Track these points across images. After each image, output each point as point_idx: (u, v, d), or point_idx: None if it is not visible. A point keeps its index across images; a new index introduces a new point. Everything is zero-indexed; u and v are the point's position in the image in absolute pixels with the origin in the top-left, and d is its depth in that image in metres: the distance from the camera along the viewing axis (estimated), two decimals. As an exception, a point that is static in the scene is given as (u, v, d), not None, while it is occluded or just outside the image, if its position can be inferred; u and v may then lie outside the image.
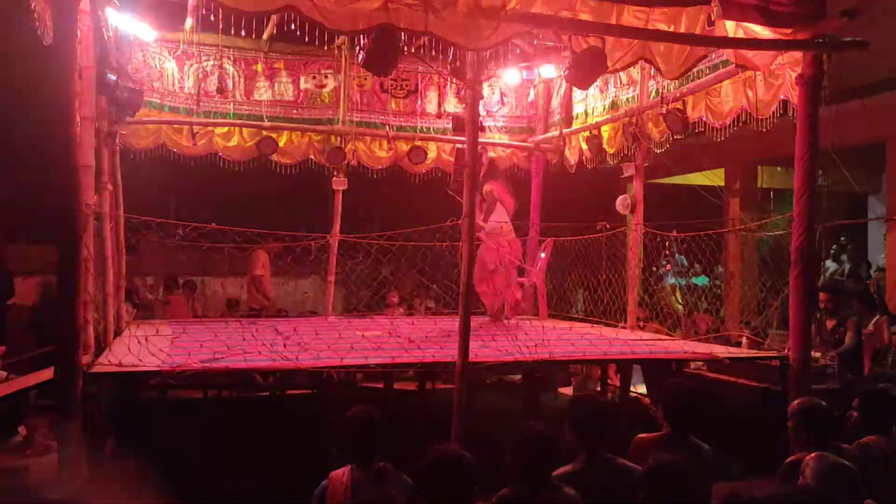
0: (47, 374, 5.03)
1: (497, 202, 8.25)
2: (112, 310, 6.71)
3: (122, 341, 6.20)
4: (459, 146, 8.58)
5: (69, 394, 4.34)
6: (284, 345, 5.98)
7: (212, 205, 11.90)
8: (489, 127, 9.79)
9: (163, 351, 5.59)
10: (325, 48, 7.15)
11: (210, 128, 8.85)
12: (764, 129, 6.48)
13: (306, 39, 5.67)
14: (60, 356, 4.41)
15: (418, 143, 9.61)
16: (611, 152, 8.39)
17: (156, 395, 6.76)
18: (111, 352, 5.76)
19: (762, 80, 6.30)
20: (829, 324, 7.14)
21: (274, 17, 6.97)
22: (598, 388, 8.06)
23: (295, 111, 9.29)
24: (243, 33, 5.82)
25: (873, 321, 7.37)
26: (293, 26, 5.63)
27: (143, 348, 5.36)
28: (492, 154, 9.37)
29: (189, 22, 6.71)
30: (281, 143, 9.13)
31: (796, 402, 3.97)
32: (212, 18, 5.87)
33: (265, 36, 8.37)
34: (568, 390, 8.65)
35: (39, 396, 6.57)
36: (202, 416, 6.78)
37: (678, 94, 7.26)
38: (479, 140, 5.55)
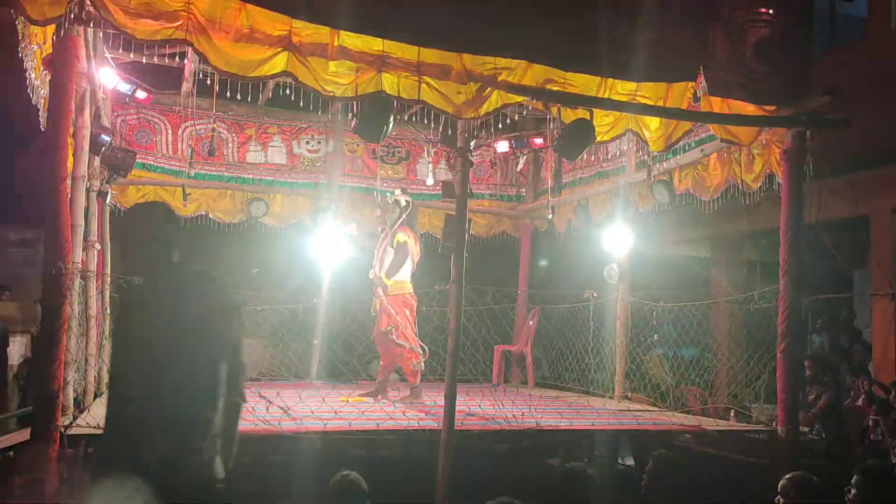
0: (24, 435, 4.90)
1: (408, 256, 7.35)
2: (93, 370, 6.60)
3: (101, 402, 6.07)
4: (448, 213, 8.60)
5: (45, 456, 4.23)
6: (267, 409, 5.86)
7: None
8: (479, 194, 9.87)
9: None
10: (319, 114, 7.23)
11: (201, 189, 8.89)
12: (751, 203, 6.56)
13: (300, 105, 5.75)
14: (38, 417, 4.32)
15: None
16: (597, 221, 8.47)
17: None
18: (90, 413, 5.64)
19: (749, 155, 6.40)
20: (811, 395, 7.09)
21: (269, 83, 7.07)
22: (586, 460, 7.91)
23: (287, 175, 9.35)
24: (238, 97, 5.90)
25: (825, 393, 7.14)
26: (288, 91, 5.72)
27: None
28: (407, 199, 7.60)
29: (185, 86, 6.81)
30: (271, 206, 9.16)
31: (786, 477, 3.90)
32: (208, 83, 5.96)
33: (261, 102, 8.47)
34: (554, 461, 8.49)
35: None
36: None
37: (665, 167, 7.37)
38: (468, 207, 5.58)
